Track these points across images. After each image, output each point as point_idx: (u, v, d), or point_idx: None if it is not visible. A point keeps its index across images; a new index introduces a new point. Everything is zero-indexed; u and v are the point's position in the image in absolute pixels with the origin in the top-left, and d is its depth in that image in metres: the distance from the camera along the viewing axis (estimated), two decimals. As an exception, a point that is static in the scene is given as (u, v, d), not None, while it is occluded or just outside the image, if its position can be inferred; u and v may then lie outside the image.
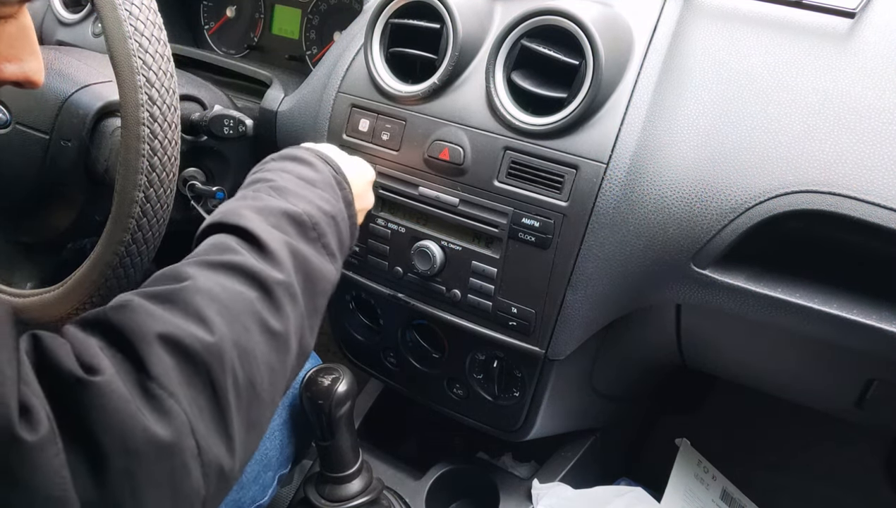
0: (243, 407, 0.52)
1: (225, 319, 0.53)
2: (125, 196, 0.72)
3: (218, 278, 0.56)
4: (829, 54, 0.78)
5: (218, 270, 0.56)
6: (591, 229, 0.79)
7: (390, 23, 0.89)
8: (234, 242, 0.60)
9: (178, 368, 0.49)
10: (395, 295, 0.94)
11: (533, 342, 0.86)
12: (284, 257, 0.61)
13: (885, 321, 0.72)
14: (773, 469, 1.34)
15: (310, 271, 0.63)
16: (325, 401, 0.87)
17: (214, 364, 0.50)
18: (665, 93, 0.80)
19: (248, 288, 0.57)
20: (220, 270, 0.57)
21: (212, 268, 0.56)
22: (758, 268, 0.79)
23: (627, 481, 1.09)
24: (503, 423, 0.97)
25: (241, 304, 0.55)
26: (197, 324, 0.51)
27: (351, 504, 0.91)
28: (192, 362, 0.50)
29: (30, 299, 0.82)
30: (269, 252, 0.60)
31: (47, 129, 0.84)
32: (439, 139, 0.86)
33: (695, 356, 1.03)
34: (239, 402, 0.52)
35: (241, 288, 0.56)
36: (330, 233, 0.68)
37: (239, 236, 0.61)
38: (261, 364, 0.55)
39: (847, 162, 0.72)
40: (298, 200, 0.67)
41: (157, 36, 0.72)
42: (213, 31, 1.28)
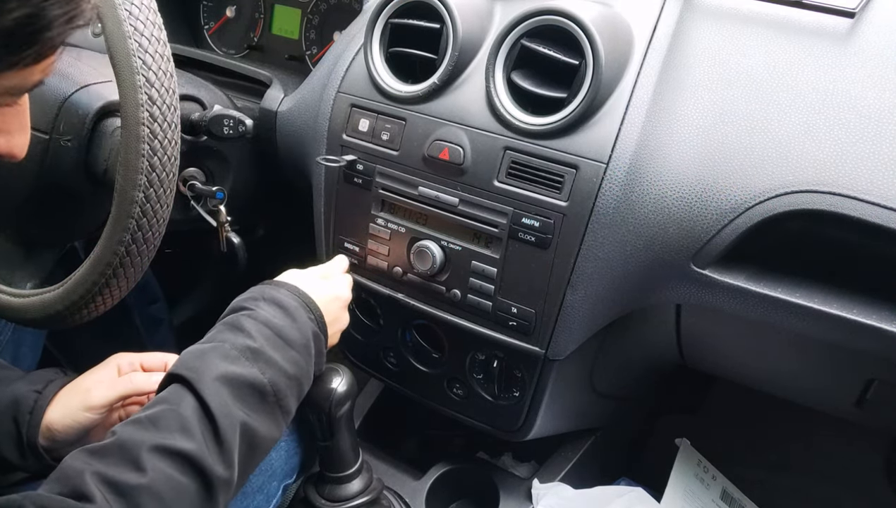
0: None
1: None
2: (125, 196, 0.72)
3: (169, 471, 0.61)
4: (829, 54, 0.78)
5: (171, 461, 0.62)
6: (590, 229, 0.79)
7: (390, 23, 0.89)
8: (194, 418, 0.65)
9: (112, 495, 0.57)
10: (395, 295, 0.94)
11: (533, 342, 0.86)
12: (233, 443, 0.66)
13: (885, 321, 0.72)
14: (773, 469, 1.34)
15: (254, 442, 0.69)
16: (325, 401, 0.86)
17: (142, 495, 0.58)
18: (665, 93, 0.80)
19: (193, 481, 0.62)
20: (173, 462, 0.62)
21: (166, 459, 0.62)
22: (758, 268, 0.79)
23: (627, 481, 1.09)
24: (503, 423, 0.97)
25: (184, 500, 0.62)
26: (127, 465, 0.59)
27: (351, 504, 0.90)
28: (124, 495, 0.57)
29: (30, 299, 0.82)
30: (222, 441, 0.65)
31: (47, 129, 0.84)
32: (439, 139, 0.86)
33: (695, 356, 1.03)
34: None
35: (186, 483, 0.62)
36: (290, 395, 0.73)
37: (201, 407, 0.66)
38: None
39: (847, 161, 0.72)
40: (268, 368, 0.71)
41: (157, 36, 0.72)
42: (213, 31, 1.28)
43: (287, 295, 0.78)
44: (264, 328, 0.74)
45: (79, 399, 0.81)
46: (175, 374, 0.68)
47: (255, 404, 0.69)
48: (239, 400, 0.68)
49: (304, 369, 0.75)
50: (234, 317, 0.75)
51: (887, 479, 1.30)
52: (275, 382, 0.71)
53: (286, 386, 0.72)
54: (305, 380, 0.76)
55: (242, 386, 0.69)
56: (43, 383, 0.82)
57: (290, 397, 0.73)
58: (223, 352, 0.70)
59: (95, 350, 0.93)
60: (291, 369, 0.73)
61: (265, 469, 0.92)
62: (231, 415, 0.66)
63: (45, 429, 0.79)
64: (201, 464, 0.63)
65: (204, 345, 0.72)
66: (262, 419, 0.69)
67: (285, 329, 0.74)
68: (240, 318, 0.74)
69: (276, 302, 0.77)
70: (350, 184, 0.92)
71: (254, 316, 0.75)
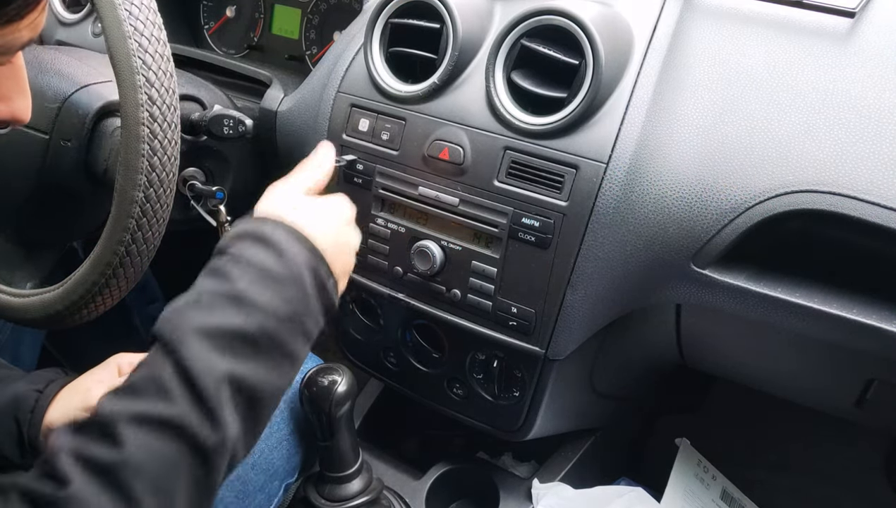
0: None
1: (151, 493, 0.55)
2: (125, 196, 0.72)
3: (150, 440, 0.56)
4: (830, 54, 0.78)
5: (151, 429, 0.57)
6: (590, 229, 0.79)
7: (390, 22, 0.89)
8: (173, 381, 0.59)
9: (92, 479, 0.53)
10: (395, 295, 0.94)
11: (533, 342, 0.86)
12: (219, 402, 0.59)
13: (885, 321, 0.72)
14: (773, 469, 1.34)
15: (254, 394, 0.62)
16: (325, 401, 0.86)
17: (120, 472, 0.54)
18: (665, 93, 0.80)
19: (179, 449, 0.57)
20: (153, 429, 0.57)
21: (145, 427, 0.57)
22: (758, 268, 0.79)
23: (627, 481, 1.09)
24: (503, 423, 0.97)
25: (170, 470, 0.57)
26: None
27: (351, 503, 0.91)
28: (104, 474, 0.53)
29: (30, 299, 0.82)
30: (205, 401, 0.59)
31: (47, 129, 0.84)
32: (439, 139, 0.86)
33: (695, 355, 1.03)
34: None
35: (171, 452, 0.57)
36: (290, 337, 0.66)
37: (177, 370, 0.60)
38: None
39: (847, 161, 0.72)
40: (255, 312, 0.64)
41: (157, 36, 0.72)
42: (213, 31, 1.28)
43: (272, 227, 0.69)
44: (247, 268, 0.66)
45: (79, 398, 0.80)
46: (154, 335, 0.63)
47: (245, 354, 0.62)
48: (223, 351, 0.61)
49: (301, 306, 0.67)
50: (215, 262, 0.68)
51: (887, 479, 1.30)
52: (265, 327, 0.64)
53: (282, 330, 0.65)
54: (308, 318, 0.68)
55: (225, 336, 0.62)
56: (44, 383, 0.82)
57: (291, 340, 0.66)
58: (203, 303, 0.64)
59: (95, 350, 0.93)
60: (284, 308, 0.65)
61: (266, 468, 0.92)
62: (213, 371, 0.60)
63: (45, 428, 0.79)
64: (185, 430, 0.57)
65: (185, 298, 0.65)
66: (256, 368, 0.63)
67: (271, 265, 0.66)
68: (220, 262, 0.67)
69: (259, 236, 0.68)
70: (350, 184, 0.92)
71: (235, 257, 0.67)
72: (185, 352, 0.60)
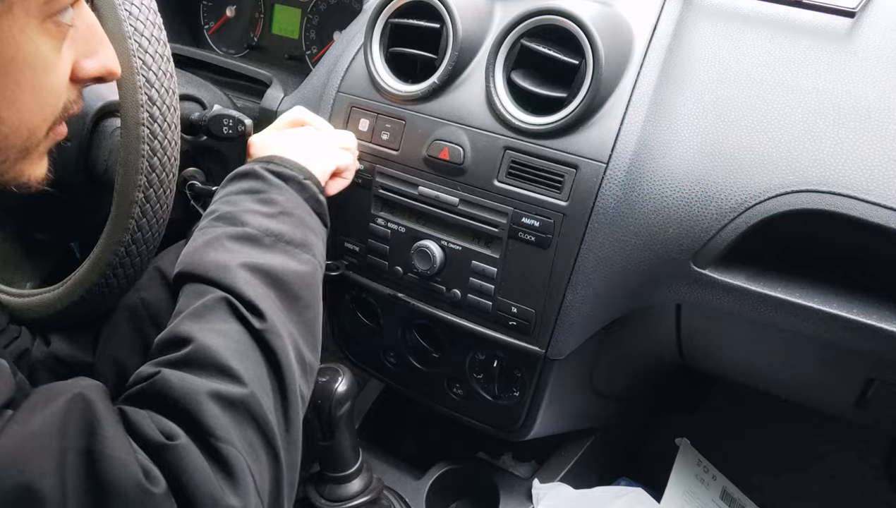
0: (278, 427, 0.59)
1: (238, 360, 0.58)
2: (125, 196, 0.72)
3: (210, 325, 0.60)
4: (830, 54, 0.78)
5: (205, 317, 0.61)
6: (590, 229, 0.79)
7: (390, 22, 0.89)
8: (202, 286, 0.64)
9: (227, 417, 0.55)
10: (395, 294, 0.94)
11: (533, 342, 0.86)
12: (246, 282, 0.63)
13: (885, 321, 0.72)
14: (773, 469, 1.34)
15: (280, 280, 0.66)
16: (325, 401, 0.86)
17: (251, 401, 0.57)
18: (665, 93, 0.80)
19: (237, 324, 0.61)
20: (206, 316, 0.61)
21: (200, 318, 0.61)
22: (758, 268, 0.79)
23: (627, 481, 1.09)
24: (503, 423, 0.97)
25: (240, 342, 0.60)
26: (224, 377, 0.57)
27: (351, 503, 0.91)
28: (236, 408, 0.56)
29: (30, 299, 0.82)
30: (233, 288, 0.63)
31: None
32: (439, 139, 0.86)
33: (695, 355, 1.03)
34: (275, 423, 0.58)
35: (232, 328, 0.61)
36: (289, 229, 0.70)
37: (202, 282, 0.64)
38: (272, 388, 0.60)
39: (847, 161, 0.72)
40: (242, 217, 0.69)
41: (157, 36, 0.72)
42: (213, 31, 1.28)
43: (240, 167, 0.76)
44: (229, 197, 0.72)
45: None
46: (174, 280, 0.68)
47: (250, 249, 0.67)
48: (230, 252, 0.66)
49: (285, 201, 0.72)
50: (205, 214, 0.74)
51: (887, 479, 1.30)
52: (257, 225, 0.68)
53: (275, 224, 0.69)
54: (301, 211, 0.73)
55: (224, 241, 0.67)
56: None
57: (291, 229, 0.70)
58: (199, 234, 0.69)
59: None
60: (269, 208, 0.70)
61: None
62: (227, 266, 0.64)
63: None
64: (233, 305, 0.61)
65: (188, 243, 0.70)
66: (266, 256, 0.67)
67: (243, 185, 0.72)
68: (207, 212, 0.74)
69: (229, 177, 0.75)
70: (350, 184, 0.92)
71: (213, 200, 0.74)
72: (199, 268, 0.64)
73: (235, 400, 0.56)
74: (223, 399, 0.55)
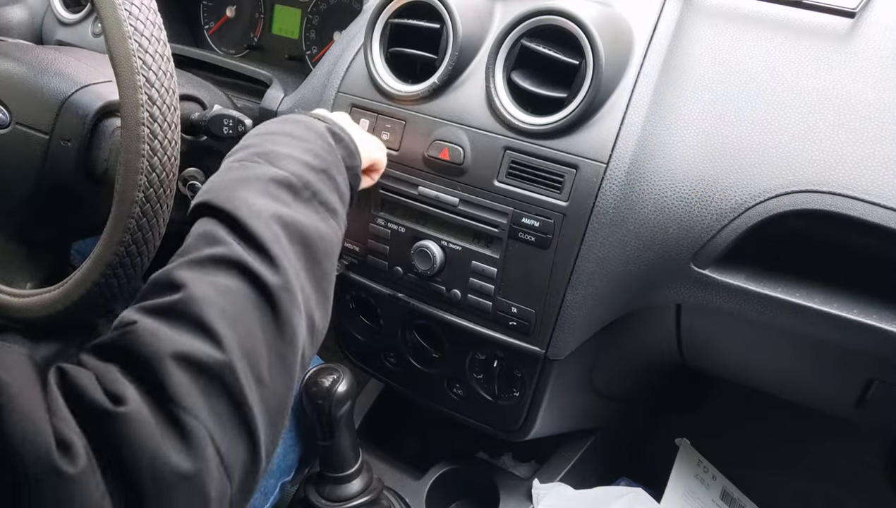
0: (260, 403, 0.53)
1: (227, 322, 0.53)
2: (125, 196, 0.72)
3: (210, 278, 0.55)
4: (830, 54, 0.78)
5: (208, 269, 0.55)
6: (591, 229, 0.79)
7: (390, 23, 0.89)
8: (221, 231, 0.58)
9: (194, 383, 0.49)
10: (395, 295, 0.94)
11: (533, 342, 0.86)
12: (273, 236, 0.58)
13: (885, 321, 0.72)
14: (773, 469, 1.34)
15: (307, 237, 0.61)
16: (325, 401, 0.87)
17: (226, 371, 0.51)
18: (665, 93, 0.80)
19: (242, 283, 0.55)
20: (209, 268, 0.55)
21: (202, 268, 0.55)
22: (758, 268, 0.79)
23: (627, 481, 1.09)
24: (503, 423, 0.97)
25: (239, 304, 0.54)
26: (204, 337, 0.51)
27: (351, 504, 0.91)
28: (207, 374, 0.50)
29: (30, 299, 0.82)
30: (255, 237, 0.57)
31: (47, 129, 0.84)
32: (439, 139, 0.86)
33: (695, 356, 1.03)
34: (254, 398, 0.52)
35: (234, 285, 0.55)
36: (326, 189, 0.66)
37: (223, 221, 0.59)
38: (269, 357, 0.54)
39: (847, 161, 0.72)
40: (286, 161, 0.64)
41: (157, 36, 0.72)
42: (213, 31, 1.28)
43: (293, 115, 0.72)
44: (271, 135, 0.67)
45: None
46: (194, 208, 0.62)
47: (287, 198, 0.61)
48: (264, 196, 0.60)
49: (330, 161, 0.67)
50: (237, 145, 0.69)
51: (887, 479, 1.30)
52: (298, 174, 0.63)
53: (315, 179, 0.65)
54: (339, 175, 0.68)
55: (263, 182, 0.61)
56: None
57: (325, 190, 0.65)
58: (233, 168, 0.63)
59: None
60: (314, 161, 0.65)
61: None
62: (260, 213, 0.58)
63: None
64: (244, 265, 0.55)
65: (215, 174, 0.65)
66: (299, 209, 0.62)
67: (292, 130, 0.68)
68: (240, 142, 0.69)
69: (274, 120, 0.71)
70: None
71: (253, 133, 0.69)
72: (228, 204, 0.59)
73: (209, 366, 0.50)
74: (195, 364, 0.50)
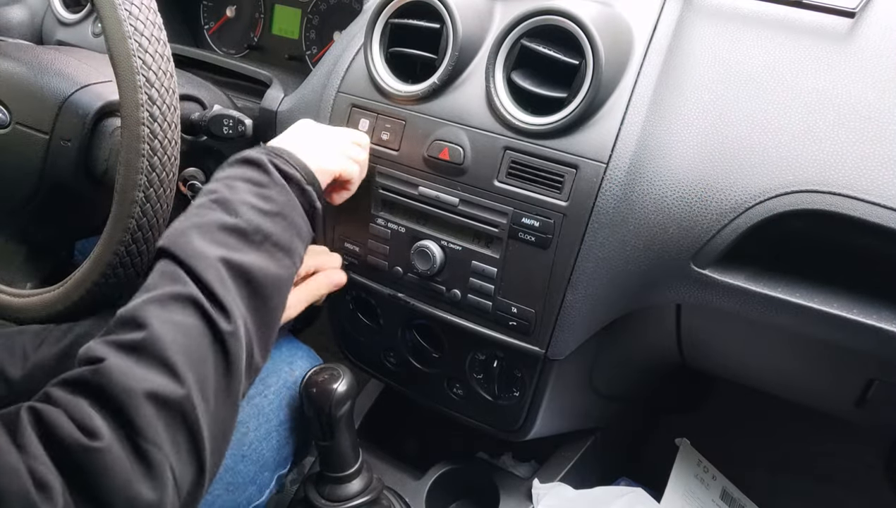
0: (209, 430, 0.59)
1: (186, 359, 0.58)
2: (125, 196, 0.72)
3: (170, 316, 0.60)
4: (830, 54, 0.78)
5: (168, 306, 0.61)
6: (591, 229, 0.79)
7: (390, 23, 0.89)
8: (178, 271, 0.64)
9: (159, 417, 0.55)
10: (395, 294, 0.94)
11: (533, 342, 0.86)
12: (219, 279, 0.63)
13: (885, 321, 0.72)
14: (773, 469, 1.34)
15: (254, 280, 0.66)
16: (325, 401, 0.86)
17: (186, 405, 0.57)
18: (665, 93, 0.80)
19: (198, 320, 0.61)
20: (170, 306, 0.61)
21: (162, 306, 0.61)
22: (758, 268, 0.79)
23: (627, 481, 1.09)
24: (503, 423, 0.97)
25: (195, 339, 0.60)
26: (167, 374, 0.57)
27: (351, 503, 0.91)
28: (170, 409, 0.56)
29: (30, 299, 0.82)
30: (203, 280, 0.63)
31: (47, 129, 0.84)
32: (439, 139, 0.86)
33: (695, 356, 1.03)
34: (206, 428, 0.58)
35: (191, 322, 0.60)
36: (279, 230, 0.70)
37: (179, 264, 0.64)
38: (217, 389, 0.60)
39: (847, 161, 0.72)
40: (240, 207, 0.69)
41: (157, 36, 0.72)
42: (213, 31, 1.28)
43: (248, 150, 0.76)
44: (231, 181, 0.72)
45: None
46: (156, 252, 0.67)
47: (236, 243, 0.67)
48: (215, 243, 0.66)
49: (284, 203, 0.72)
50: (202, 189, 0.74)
51: (887, 479, 1.30)
52: (250, 220, 0.68)
53: (268, 223, 0.69)
54: (294, 214, 0.73)
55: (214, 229, 0.66)
56: None
57: (281, 232, 0.70)
58: (192, 213, 0.69)
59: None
60: (267, 205, 0.70)
61: (256, 459, 0.91)
62: (207, 257, 0.64)
63: None
64: (200, 306, 0.61)
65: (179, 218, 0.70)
66: (249, 255, 0.67)
67: (251, 175, 0.72)
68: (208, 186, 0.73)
69: (236, 159, 0.75)
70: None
71: (216, 177, 0.73)
72: (181, 250, 0.64)
73: (172, 401, 0.56)
74: (160, 399, 0.55)
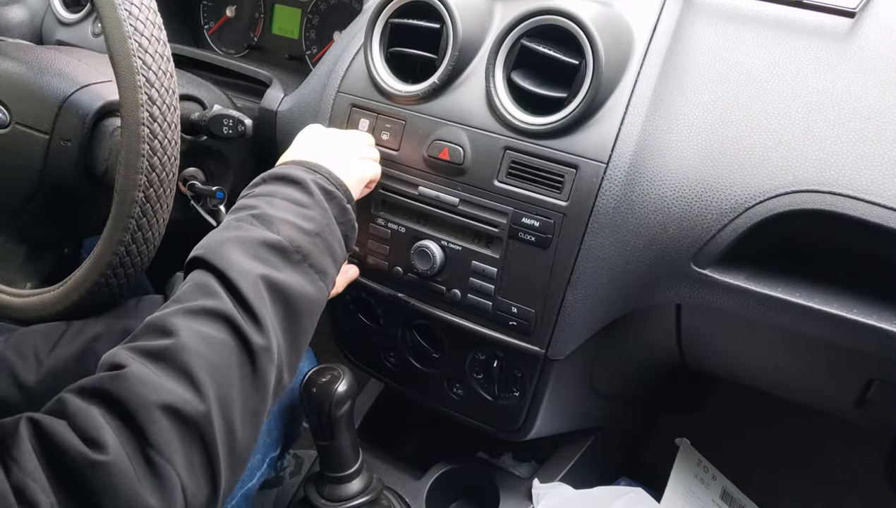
0: (228, 451, 0.57)
1: (210, 375, 0.57)
2: (125, 196, 0.72)
3: (200, 328, 0.59)
4: (830, 54, 0.78)
5: (200, 319, 0.59)
6: (591, 229, 0.79)
7: (390, 22, 0.89)
8: (214, 284, 0.63)
9: (174, 432, 0.53)
10: (395, 294, 0.94)
11: (533, 342, 0.86)
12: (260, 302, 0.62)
13: (885, 321, 0.72)
14: (773, 469, 1.34)
15: (291, 299, 0.66)
16: (325, 401, 0.86)
17: (205, 423, 0.55)
18: (665, 93, 0.80)
19: (229, 336, 0.60)
20: (201, 319, 0.60)
21: (194, 317, 0.59)
22: (758, 268, 0.79)
23: (627, 481, 1.09)
24: (503, 423, 0.97)
25: (224, 355, 0.59)
26: (188, 388, 0.55)
27: (351, 503, 0.91)
28: (187, 424, 0.54)
29: (30, 299, 0.82)
30: (246, 300, 0.62)
31: (47, 129, 0.84)
32: (439, 139, 0.86)
33: (695, 355, 1.03)
34: (224, 449, 0.57)
35: (221, 337, 0.59)
36: (318, 252, 0.70)
37: (217, 277, 0.63)
38: (242, 409, 0.59)
39: (847, 161, 0.72)
40: (281, 225, 0.69)
41: (157, 36, 0.72)
42: (213, 31, 1.28)
43: (286, 166, 0.76)
44: (271, 198, 0.71)
45: None
46: (189, 261, 0.67)
47: (276, 262, 0.66)
48: (256, 258, 0.65)
49: (324, 224, 0.72)
50: (240, 201, 0.74)
51: (887, 479, 1.30)
52: (292, 238, 0.68)
53: (308, 243, 0.69)
54: (332, 237, 0.73)
55: (256, 246, 0.66)
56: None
57: (318, 254, 0.70)
58: (231, 226, 0.68)
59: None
60: (309, 226, 0.70)
61: None
62: (249, 274, 0.63)
63: None
64: (234, 322, 0.60)
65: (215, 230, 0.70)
66: (288, 274, 0.66)
67: (292, 194, 0.72)
68: (244, 199, 0.73)
69: (275, 176, 0.75)
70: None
71: (258, 192, 0.73)
72: (221, 262, 0.64)
73: (190, 417, 0.54)
74: (178, 413, 0.53)
